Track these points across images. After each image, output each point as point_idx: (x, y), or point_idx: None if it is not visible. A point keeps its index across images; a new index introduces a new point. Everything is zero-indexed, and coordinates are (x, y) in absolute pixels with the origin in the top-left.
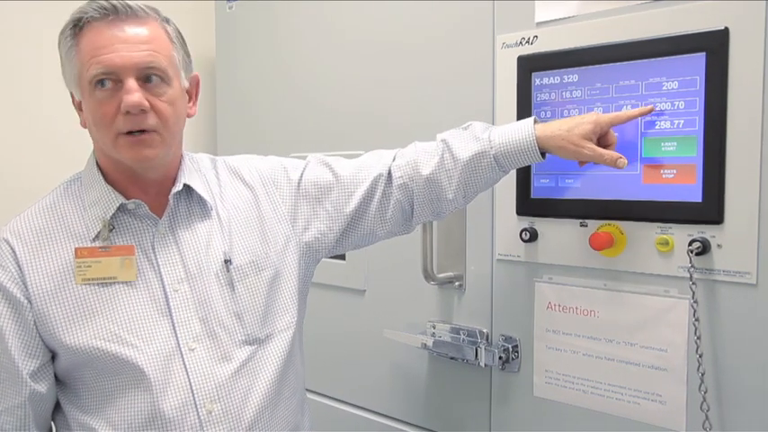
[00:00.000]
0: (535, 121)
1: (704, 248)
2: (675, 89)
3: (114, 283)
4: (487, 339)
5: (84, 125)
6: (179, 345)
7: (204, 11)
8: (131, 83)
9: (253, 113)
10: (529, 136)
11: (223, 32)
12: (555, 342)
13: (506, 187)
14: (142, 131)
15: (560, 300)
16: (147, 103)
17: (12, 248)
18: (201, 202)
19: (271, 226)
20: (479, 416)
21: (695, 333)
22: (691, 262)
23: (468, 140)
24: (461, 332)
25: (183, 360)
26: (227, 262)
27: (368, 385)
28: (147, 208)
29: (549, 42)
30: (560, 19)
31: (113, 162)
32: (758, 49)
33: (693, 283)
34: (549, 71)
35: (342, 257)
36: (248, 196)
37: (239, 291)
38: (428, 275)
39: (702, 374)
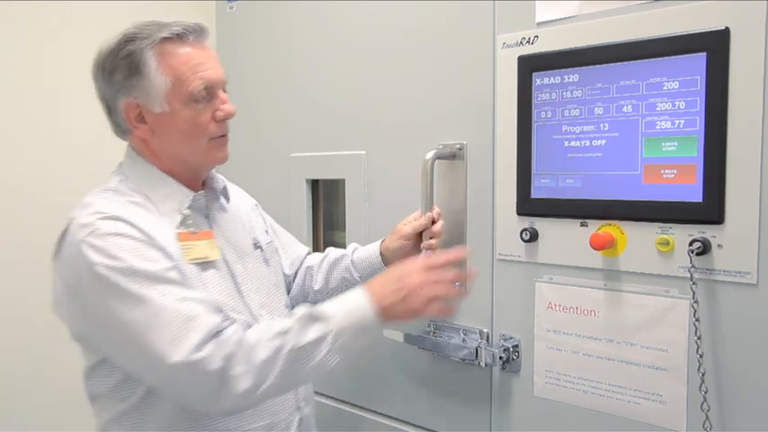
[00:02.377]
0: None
1: (705, 248)
2: (676, 89)
3: (207, 262)
4: (488, 339)
5: (144, 136)
6: (252, 314)
7: (205, 11)
8: (224, 95)
9: (253, 113)
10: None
11: (224, 32)
12: (555, 342)
13: (506, 187)
14: (224, 135)
15: (561, 300)
16: None
17: (132, 222)
18: (225, 196)
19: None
20: (480, 416)
21: (696, 333)
22: (691, 262)
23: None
24: (462, 332)
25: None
26: (257, 245)
27: (368, 385)
28: (204, 200)
29: (549, 42)
30: (561, 19)
31: (178, 163)
32: (759, 48)
33: (694, 283)
34: (550, 71)
35: None
36: (243, 197)
37: (271, 266)
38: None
39: (703, 374)
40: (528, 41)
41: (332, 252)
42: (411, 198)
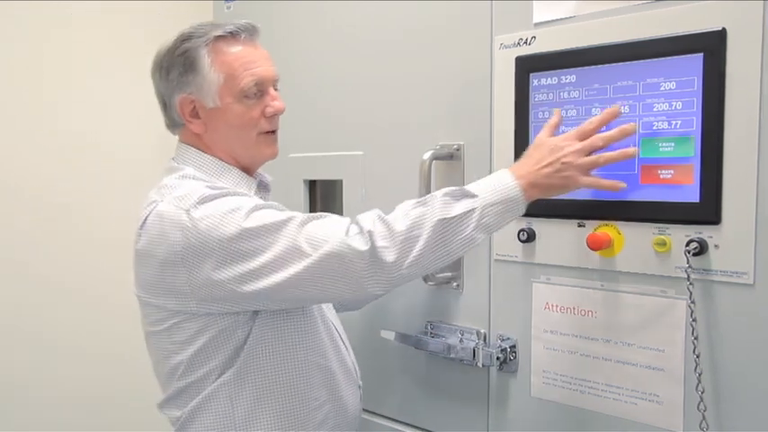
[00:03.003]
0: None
1: (701, 249)
2: (673, 89)
3: None
4: (485, 340)
5: (198, 130)
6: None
7: (202, 11)
8: (275, 92)
9: None
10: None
11: None
12: (552, 342)
13: None
14: (274, 131)
15: (558, 300)
16: None
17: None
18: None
19: None
20: (477, 416)
21: (692, 333)
22: (688, 262)
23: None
24: (459, 333)
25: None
26: None
27: (366, 385)
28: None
29: (546, 43)
30: (558, 19)
31: (230, 157)
32: (755, 49)
33: (691, 284)
34: (547, 72)
35: None
36: None
37: None
38: (426, 276)
39: (699, 375)
40: (525, 42)
41: None
42: (409, 199)
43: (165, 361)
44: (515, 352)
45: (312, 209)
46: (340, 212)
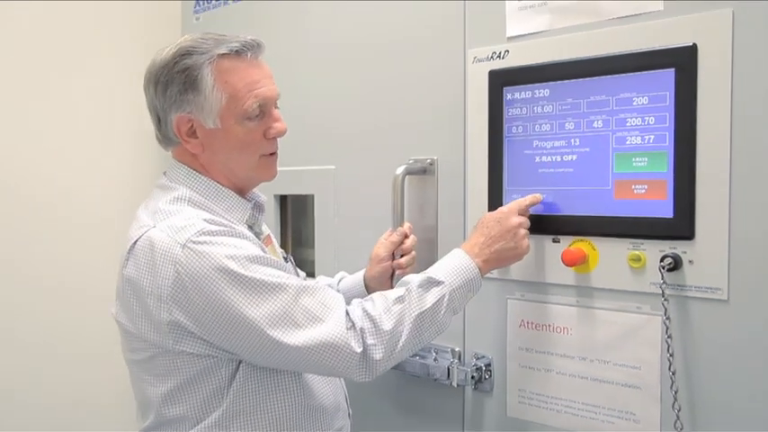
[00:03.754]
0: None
1: (676, 264)
2: (646, 104)
3: None
4: (459, 358)
5: (195, 150)
6: None
7: (170, 23)
8: (277, 113)
9: None
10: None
11: None
12: (528, 360)
13: (478, 202)
14: (274, 152)
15: (533, 317)
16: None
17: (231, 225)
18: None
19: None
20: None
21: (668, 350)
22: (663, 278)
23: None
24: (433, 351)
25: None
26: (286, 258)
27: None
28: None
29: (520, 57)
30: (532, 33)
31: (227, 177)
32: (726, 65)
33: (665, 300)
34: (521, 86)
35: (313, 275)
36: None
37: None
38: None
39: (676, 392)
40: (499, 56)
41: (321, 281)
42: (381, 214)
43: (142, 392)
44: (491, 371)
45: (283, 225)
46: (312, 229)
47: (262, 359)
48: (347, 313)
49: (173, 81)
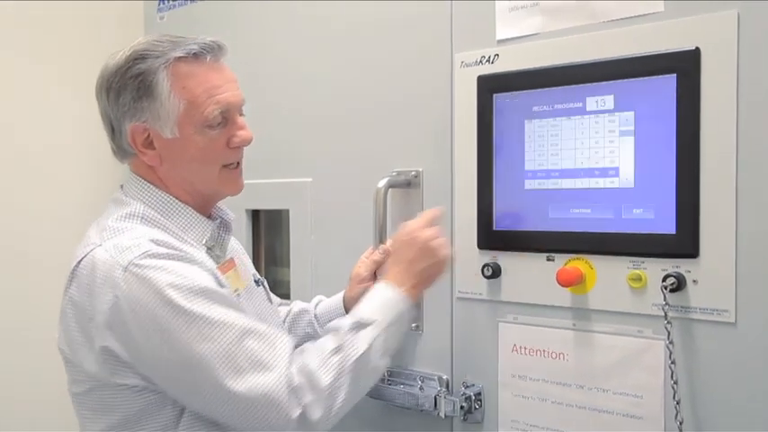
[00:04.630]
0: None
1: (679, 284)
2: (645, 112)
3: (238, 294)
4: (447, 387)
5: (152, 162)
6: None
7: (132, 22)
8: (241, 120)
9: None
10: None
11: None
12: (522, 389)
13: (466, 218)
14: (239, 163)
15: (527, 342)
16: None
17: (182, 249)
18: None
19: None
20: None
21: (672, 377)
22: (665, 299)
23: None
24: (419, 379)
25: None
26: (258, 281)
27: None
28: (218, 232)
29: (511, 62)
30: (523, 36)
31: (188, 192)
32: (730, 70)
33: (668, 322)
34: (512, 92)
35: (287, 297)
36: None
37: (273, 305)
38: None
39: (680, 423)
40: (488, 60)
41: (295, 306)
42: (362, 231)
43: (82, 429)
44: (481, 400)
45: (256, 242)
46: (287, 247)
47: (193, 402)
48: (287, 366)
49: (126, 87)
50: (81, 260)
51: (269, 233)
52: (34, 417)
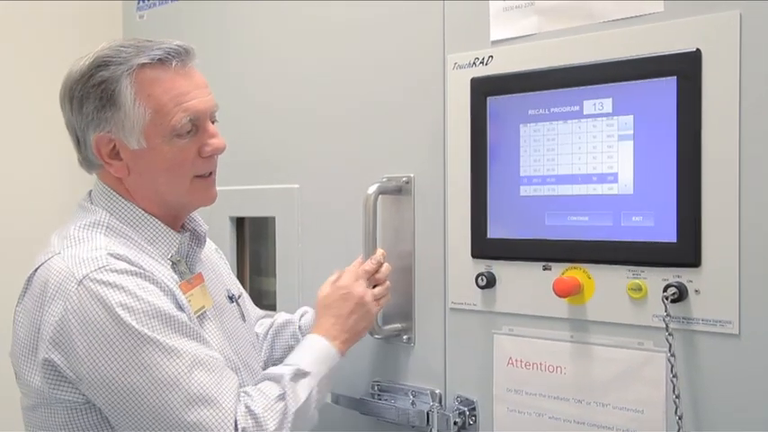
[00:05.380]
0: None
1: (680, 294)
2: (644, 116)
3: (203, 312)
4: (440, 402)
5: (119, 174)
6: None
7: (110, 20)
8: (213, 127)
9: None
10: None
11: None
12: (517, 404)
13: (460, 226)
14: (211, 173)
15: (523, 354)
16: None
17: (140, 264)
18: (204, 241)
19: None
20: None
21: (674, 391)
22: (666, 310)
23: None
24: (410, 394)
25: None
26: (231, 297)
27: None
28: (187, 245)
29: (505, 63)
30: (518, 37)
31: (157, 203)
32: (733, 72)
33: (670, 334)
34: (506, 95)
35: (273, 308)
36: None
37: (247, 322)
38: (372, 328)
39: None
40: (482, 62)
41: (279, 317)
42: (351, 239)
43: None
44: (475, 415)
45: (240, 251)
46: (273, 256)
47: (130, 426)
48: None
49: (88, 96)
50: (38, 267)
51: (254, 242)
52: None
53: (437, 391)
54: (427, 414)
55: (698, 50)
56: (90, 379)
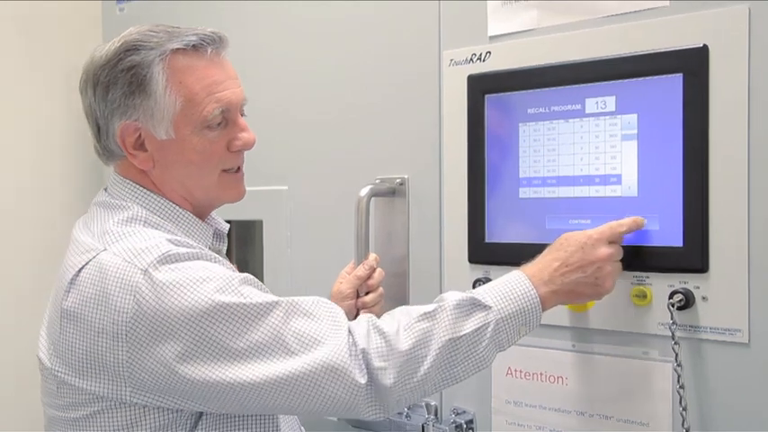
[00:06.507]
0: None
1: (687, 301)
2: (649, 115)
3: None
4: (436, 414)
5: (144, 166)
6: None
7: (89, 13)
8: (243, 120)
9: None
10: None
11: (112, 38)
12: (517, 416)
13: (456, 230)
14: (239, 168)
15: (522, 364)
16: None
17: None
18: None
19: None
20: None
21: (680, 403)
22: (672, 317)
23: None
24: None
25: None
26: None
27: None
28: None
29: (504, 60)
30: (517, 32)
31: (182, 199)
32: (741, 68)
33: (676, 343)
34: (505, 93)
35: None
36: None
37: None
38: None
39: None
40: (479, 58)
41: None
42: (343, 243)
43: None
44: (473, 428)
45: (227, 255)
46: (260, 261)
47: (243, 404)
48: (350, 332)
49: (116, 82)
50: (82, 268)
51: (240, 246)
52: None
53: (432, 403)
54: (423, 427)
55: (705, 46)
56: (186, 370)
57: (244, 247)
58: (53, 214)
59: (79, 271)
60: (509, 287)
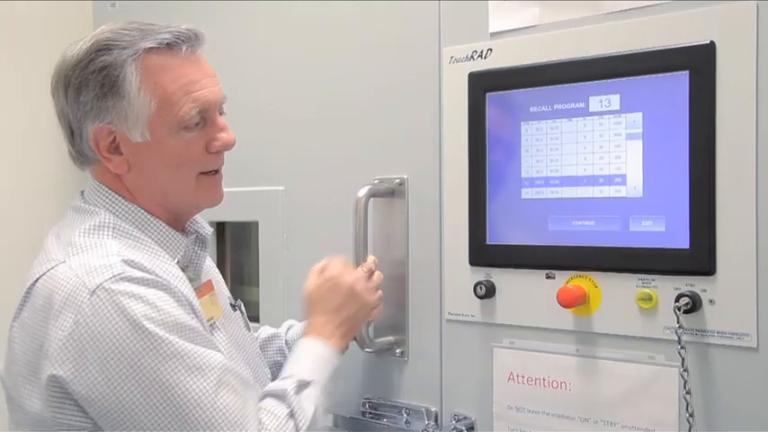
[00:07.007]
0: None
1: (694, 305)
2: (654, 113)
3: (215, 323)
4: (436, 420)
5: (119, 170)
6: None
7: (79, 11)
8: (222, 120)
9: None
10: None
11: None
12: (519, 422)
13: (456, 232)
14: (218, 170)
15: (524, 369)
16: None
17: (155, 272)
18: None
19: None
20: None
21: (687, 409)
22: (678, 321)
23: None
24: (404, 412)
25: None
26: (234, 305)
27: None
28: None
29: (505, 57)
30: (519, 29)
31: (159, 203)
32: (749, 66)
33: (682, 347)
34: (506, 91)
35: (256, 320)
36: None
37: (251, 332)
38: (362, 341)
39: None
40: (480, 55)
41: (263, 331)
42: (340, 245)
43: None
44: None
45: (221, 259)
46: (256, 263)
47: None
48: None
49: (87, 83)
50: (39, 278)
51: (235, 248)
52: None
53: (433, 409)
54: None
55: (711, 43)
56: (102, 399)
57: (239, 250)
58: (41, 214)
59: (35, 281)
60: (313, 354)
